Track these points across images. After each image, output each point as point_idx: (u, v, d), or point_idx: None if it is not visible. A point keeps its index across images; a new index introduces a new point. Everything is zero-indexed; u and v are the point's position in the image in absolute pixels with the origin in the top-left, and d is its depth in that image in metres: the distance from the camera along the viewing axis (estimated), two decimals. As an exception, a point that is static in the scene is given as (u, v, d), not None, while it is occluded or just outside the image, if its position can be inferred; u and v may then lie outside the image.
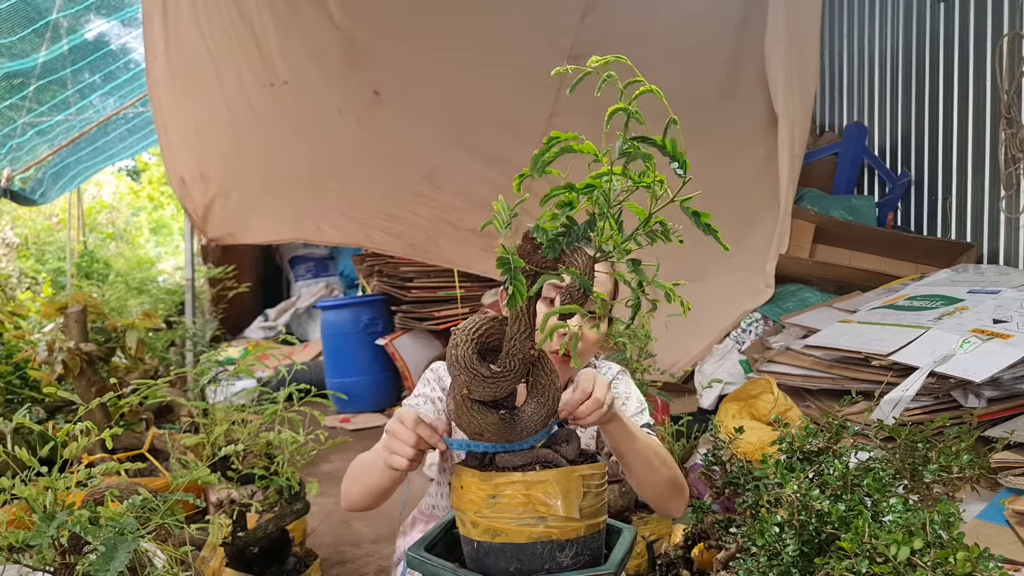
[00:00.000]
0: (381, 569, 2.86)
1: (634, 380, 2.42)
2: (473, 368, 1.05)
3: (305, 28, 4.43)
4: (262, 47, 4.40)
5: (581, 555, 1.07)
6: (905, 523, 1.04)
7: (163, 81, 4.35)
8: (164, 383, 1.95)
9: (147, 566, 1.25)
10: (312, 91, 4.57)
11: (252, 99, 4.52)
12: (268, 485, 2.21)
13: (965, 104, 3.89)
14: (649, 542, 2.14)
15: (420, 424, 1.16)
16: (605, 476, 1.13)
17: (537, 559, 1.05)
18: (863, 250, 4.04)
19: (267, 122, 4.58)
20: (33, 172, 6.76)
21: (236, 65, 4.44)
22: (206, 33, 4.32)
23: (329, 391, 2.82)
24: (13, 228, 9.36)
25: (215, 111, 4.51)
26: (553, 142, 0.92)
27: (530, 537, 1.04)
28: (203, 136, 4.56)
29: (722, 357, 3.63)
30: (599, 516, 1.11)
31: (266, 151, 4.66)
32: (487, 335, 1.09)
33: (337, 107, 4.63)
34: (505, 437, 1.10)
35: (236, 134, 4.59)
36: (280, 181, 4.71)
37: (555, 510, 1.04)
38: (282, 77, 4.48)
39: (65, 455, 1.25)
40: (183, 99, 4.44)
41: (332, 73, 4.55)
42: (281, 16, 4.36)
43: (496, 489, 1.06)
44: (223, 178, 4.63)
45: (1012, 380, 2.31)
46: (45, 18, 4.39)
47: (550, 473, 1.06)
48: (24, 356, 3.60)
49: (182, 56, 4.33)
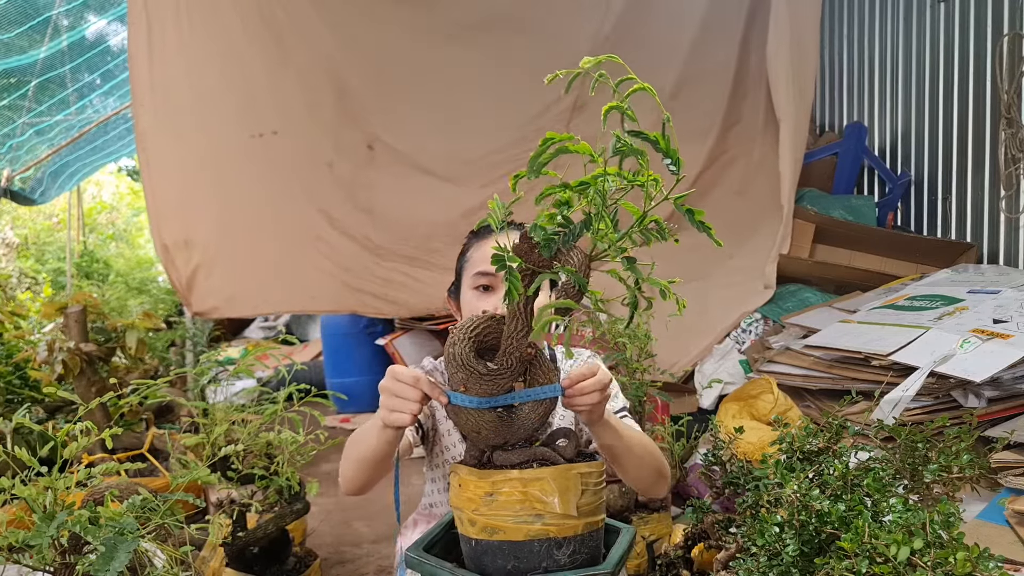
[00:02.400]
0: (381, 569, 2.86)
1: (634, 380, 2.43)
2: (470, 366, 1.06)
3: (298, 72, 4.18)
4: (251, 90, 4.17)
5: (579, 553, 1.07)
6: (905, 523, 1.04)
7: (150, 132, 4.12)
8: (164, 383, 1.95)
9: (147, 566, 1.25)
10: (303, 142, 4.29)
11: (240, 151, 4.24)
12: (268, 485, 2.21)
13: (965, 104, 3.89)
14: (649, 542, 2.14)
15: (420, 379, 1.15)
16: (603, 474, 1.13)
17: (534, 557, 1.05)
18: (863, 250, 4.04)
19: (255, 176, 4.29)
20: (33, 172, 6.77)
21: (223, 112, 4.18)
22: (193, 74, 4.09)
23: (329, 391, 2.82)
24: (13, 228, 9.37)
25: (201, 164, 4.21)
26: (549, 143, 0.92)
27: (527, 535, 1.04)
28: (188, 194, 4.23)
29: (722, 357, 3.63)
30: (597, 514, 1.11)
31: (254, 211, 4.32)
32: (485, 333, 1.09)
33: (328, 160, 4.34)
34: (503, 436, 1.11)
35: (222, 191, 4.27)
36: (268, 244, 4.35)
37: (552, 507, 1.04)
38: (272, 126, 4.21)
39: (65, 455, 1.25)
40: (168, 151, 4.16)
41: (324, 123, 4.29)
42: (272, 57, 4.13)
43: (493, 487, 1.06)
44: (207, 245, 4.28)
45: (1012, 380, 2.31)
46: (43, 14, 4.36)
47: (547, 471, 1.06)
48: (24, 356, 3.60)
49: (168, 102, 4.09)
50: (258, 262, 4.34)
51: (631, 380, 2.43)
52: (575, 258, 0.98)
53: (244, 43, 4.08)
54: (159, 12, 3.95)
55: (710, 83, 4.37)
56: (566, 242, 0.97)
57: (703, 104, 4.37)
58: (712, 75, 4.36)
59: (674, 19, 4.32)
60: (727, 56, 4.35)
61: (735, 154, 4.47)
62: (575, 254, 0.99)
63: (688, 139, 4.31)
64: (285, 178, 4.31)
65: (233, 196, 4.28)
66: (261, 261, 4.34)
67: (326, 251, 4.36)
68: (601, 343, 2.56)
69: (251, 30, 4.07)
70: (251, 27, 4.07)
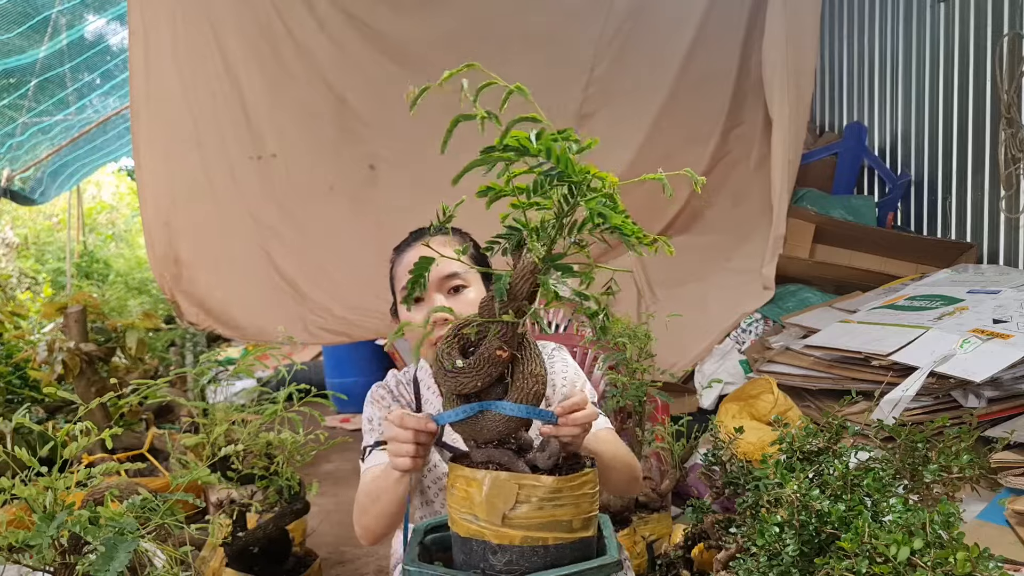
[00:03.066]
0: (381, 569, 2.87)
1: (634, 380, 2.43)
2: (439, 361, 1.12)
3: (296, 89, 4.02)
4: (248, 108, 3.99)
5: (517, 564, 1.05)
6: (905, 523, 1.04)
7: (145, 146, 3.94)
8: (164, 383, 1.95)
9: (147, 566, 1.25)
10: (302, 164, 4.09)
11: (235, 171, 4.04)
12: (268, 485, 2.21)
13: (965, 104, 3.89)
14: (649, 542, 2.14)
15: (405, 418, 1.19)
16: (562, 493, 1.07)
17: (474, 555, 1.08)
18: (863, 250, 4.04)
19: (251, 198, 4.08)
20: (33, 172, 6.77)
21: (220, 129, 3.99)
22: (188, 87, 3.91)
23: (329, 391, 2.82)
24: (13, 228, 9.37)
25: (194, 184, 4.00)
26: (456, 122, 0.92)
27: (467, 532, 1.08)
28: (178, 211, 4.01)
29: (722, 357, 3.63)
30: (547, 531, 1.05)
31: (248, 236, 4.12)
32: (473, 334, 1.12)
33: (329, 183, 4.15)
34: (468, 434, 1.14)
35: (216, 210, 4.06)
36: (262, 271, 4.14)
37: (480, 510, 1.06)
38: (270, 149, 4.02)
39: (65, 455, 1.25)
40: (161, 166, 3.96)
41: (324, 142, 4.11)
42: (270, 73, 3.96)
43: (453, 480, 1.12)
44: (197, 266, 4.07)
45: (1012, 380, 2.31)
46: (43, 13, 4.32)
47: (485, 474, 1.07)
48: (24, 356, 3.60)
49: (162, 114, 3.91)
50: (252, 288, 4.14)
51: (631, 380, 2.43)
52: (520, 263, 1.03)
53: (240, 57, 3.94)
54: (155, 26, 3.81)
55: (712, 85, 4.35)
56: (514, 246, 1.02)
57: (705, 106, 4.36)
58: (714, 77, 4.35)
59: (676, 21, 4.28)
60: (728, 58, 4.34)
61: (736, 157, 4.46)
62: (521, 259, 1.03)
63: (691, 142, 4.31)
64: (282, 201, 4.12)
65: (229, 218, 4.09)
66: (255, 286, 4.14)
67: (324, 282, 4.18)
68: (601, 343, 2.56)
69: (249, 42, 3.93)
70: (249, 39, 3.92)
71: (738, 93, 4.40)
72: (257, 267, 4.14)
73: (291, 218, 4.14)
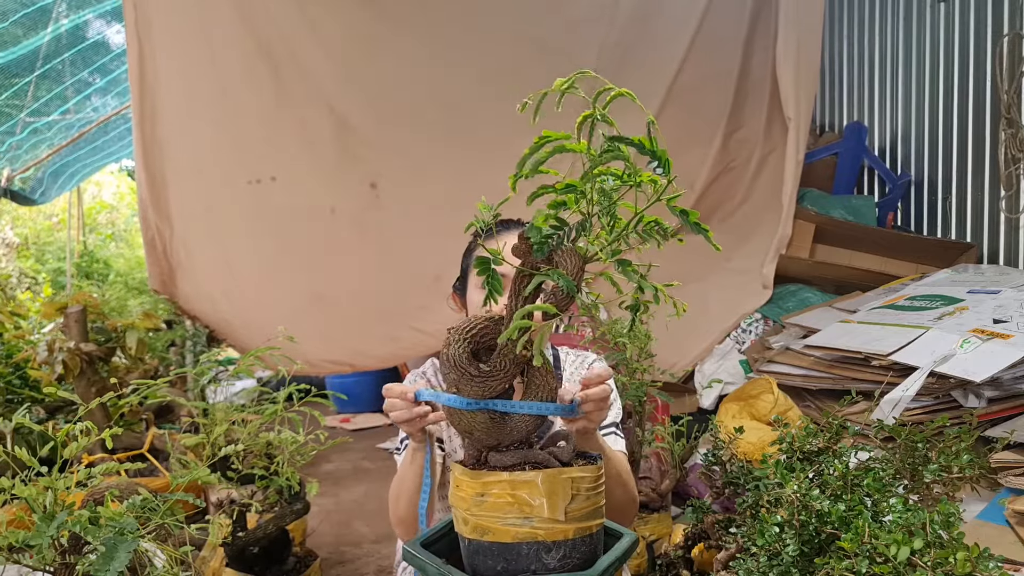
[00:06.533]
0: (381, 569, 2.87)
1: (634, 380, 2.43)
2: (462, 367, 1.07)
3: (296, 108, 3.94)
4: (246, 129, 3.94)
5: (569, 558, 1.06)
6: (905, 523, 1.04)
7: (143, 171, 3.87)
8: (164, 383, 1.95)
9: (147, 566, 1.25)
10: (303, 186, 4.03)
11: (235, 196, 3.97)
12: (268, 485, 2.21)
13: (965, 104, 3.89)
14: (649, 542, 2.14)
15: (390, 388, 1.32)
16: (600, 479, 1.11)
17: (523, 559, 1.05)
18: (863, 250, 4.04)
19: (250, 222, 4.03)
20: (33, 172, 6.77)
21: (218, 154, 3.94)
22: (186, 113, 3.86)
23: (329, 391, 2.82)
24: (13, 228, 9.37)
25: (192, 211, 3.95)
26: (544, 141, 0.92)
27: (515, 537, 1.05)
28: (175, 239, 3.96)
29: (722, 357, 3.63)
30: (591, 519, 1.09)
31: (247, 264, 4.07)
32: (482, 335, 1.09)
33: (330, 206, 4.08)
34: (495, 437, 1.11)
35: (215, 238, 4.01)
36: (262, 303, 4.08)
37: (540, 511, 1.04)
38: (270, 172, 3.97)
39: (65, 455, 1.25)
40: (160, 192, 3.91)
41: (325, 162, 4.04)
42: (268, 91, 3.90)
43: (484, 487, 1.07)
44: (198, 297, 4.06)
45: (1012, 380, 2.31)
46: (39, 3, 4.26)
47: (536, 474, 1.05)
48: (24, 356, 3.60)
49: (160, 138, 3.84)
50: (250, 320, 4.09)
51: (631, 380, 2.43)
52: (569, 261, 0.98)
53: (239, 76, 3.87)
54: (149, 39, 3.72)
55: (714, 87, 4.35)
56: (560, 244, 0.97)
57: (707, 108, 4.36)
58: (716, 79, 4.34)
59: (679, 22, 4.27)
60: (731, 59, 4.33)
61: (738, 160, 4.47)
62: (569, 257, 0.98)
63: (692, 144, 4.30)
64: (283, 227, 4.05)
65: (230, 248, 4.06)
66: (253, 320, 4.08)
67: (326, 310, 4.12)
68: (601, 343, 2.56)
69: (248, 62, 3.85)
70: (248, 59, 3.84)
71: (739, 94, 4.40)
72: (262, 299, 4.09)
73: (292, 243, 4.09)
